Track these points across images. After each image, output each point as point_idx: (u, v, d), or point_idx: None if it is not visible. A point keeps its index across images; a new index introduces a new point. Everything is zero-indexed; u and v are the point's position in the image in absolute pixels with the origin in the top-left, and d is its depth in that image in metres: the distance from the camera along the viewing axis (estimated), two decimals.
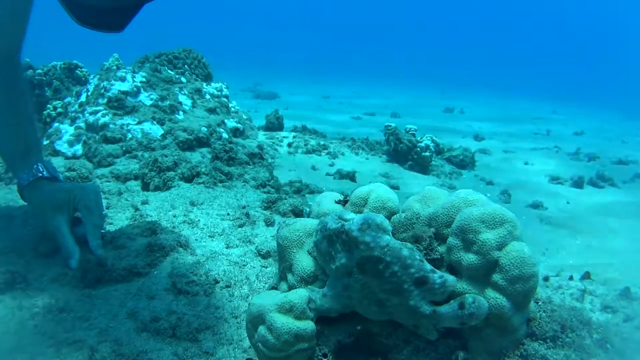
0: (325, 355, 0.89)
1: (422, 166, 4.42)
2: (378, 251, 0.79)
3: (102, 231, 1.83)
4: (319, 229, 0.88)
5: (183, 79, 4.06)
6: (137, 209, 2.10)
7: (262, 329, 0.88)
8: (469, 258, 0.84)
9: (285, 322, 0.86)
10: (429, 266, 0.81)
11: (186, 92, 3.87)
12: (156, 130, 3.27)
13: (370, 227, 0.80)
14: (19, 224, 1.72)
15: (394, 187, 3.57)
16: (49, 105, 3.87)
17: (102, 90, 3.46)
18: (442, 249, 0.90)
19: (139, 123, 3.29)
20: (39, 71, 4.26)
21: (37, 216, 1.57)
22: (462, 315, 0.80)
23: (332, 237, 0.84)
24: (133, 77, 3.63)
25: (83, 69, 4.48)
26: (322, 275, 0.93)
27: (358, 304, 0.87)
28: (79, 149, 3.16)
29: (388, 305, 0.83)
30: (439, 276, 0.81)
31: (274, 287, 1.02)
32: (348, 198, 1.01)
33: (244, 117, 4.49)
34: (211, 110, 3.83)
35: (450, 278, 0.82)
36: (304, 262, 0.94)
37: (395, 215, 0.95)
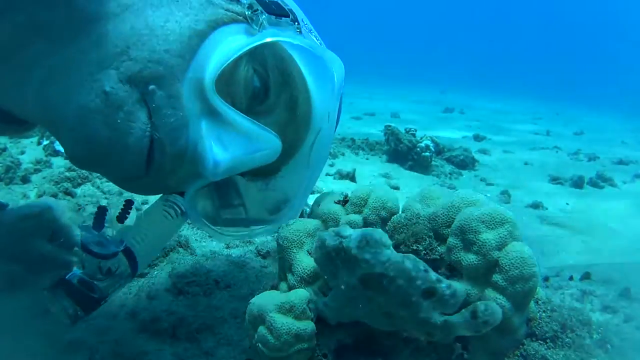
0: (325, 356, 0.89)
1: (422, 166, 4.41)
2: (379, 267, 0.78)
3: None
4: (317, 245, 0.86)
5: None
6: (137, 209, 2.10)
7: (262, 329, 0.88)
8: (469, 258, 0.84)
9: (285, 323, 0.86)
10: (434, 276, 0.80)
11: None
12: None
13: (369, 243, 0.78)
14: None
15: (394, 187, 3.57)
16: None
17: None
18: (442, 249, 0.90)
19: None
20: None
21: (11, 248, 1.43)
22: (476, 324, 0.79)
23: (331, 254, 0.82)
24: None
25: None
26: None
27: (364, 315, 0.86)
28: None
29: (397, 317, 0.83)
30: (446, 286, 0.79)
31: (274, 287, 1.02)
32: (348, 198, 1.00)
33: None
34: None
35: (459, 288, 0.81)
36: (304, 262, 0.94)
37: (395, 216, 0.95)
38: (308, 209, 1.08)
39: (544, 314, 0.90)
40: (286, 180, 1.00)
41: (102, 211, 1.00)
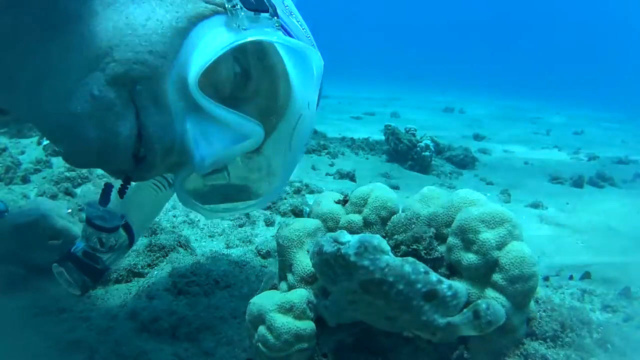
0: (325, 355, 0.89)
1: (422, 166, 4.42)
2: (379, 273, 0.77)
3: None
4: (315, 251, 0.86)
5: None
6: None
7: (262, 329, 0.88)
8: (469, 258, 0.84)
9: (285, 322, 0.86)
10: (434, 277, 0.79)
11: None
12: None
13: (368, 250, 0.78)
14: None
15: (394, 187, 3.57)
16: None
17: None
18: (442, 248, 0.90)
19: None
20: None
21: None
22: (480, 324, 0.78)
23: (330, 260, 0.82)
24: None
25: None
26: None
27: (366, 317, 0.86)
28: None
29: (399, 320, 0.82)
30: (447, 287, 0.79)
31: (274, 287, 1.02)
32: (348, 198, 1.00)
33: None
34: None
35: (461, 288, 0.81)
36: (304, 262, 0.94)
37: (395, 215, 0.95)
38: (308, 209, 1.08)
39: (544, 314, 0.90)
40: (269, 158, 1.06)
41: (108, 188, 1.05)
